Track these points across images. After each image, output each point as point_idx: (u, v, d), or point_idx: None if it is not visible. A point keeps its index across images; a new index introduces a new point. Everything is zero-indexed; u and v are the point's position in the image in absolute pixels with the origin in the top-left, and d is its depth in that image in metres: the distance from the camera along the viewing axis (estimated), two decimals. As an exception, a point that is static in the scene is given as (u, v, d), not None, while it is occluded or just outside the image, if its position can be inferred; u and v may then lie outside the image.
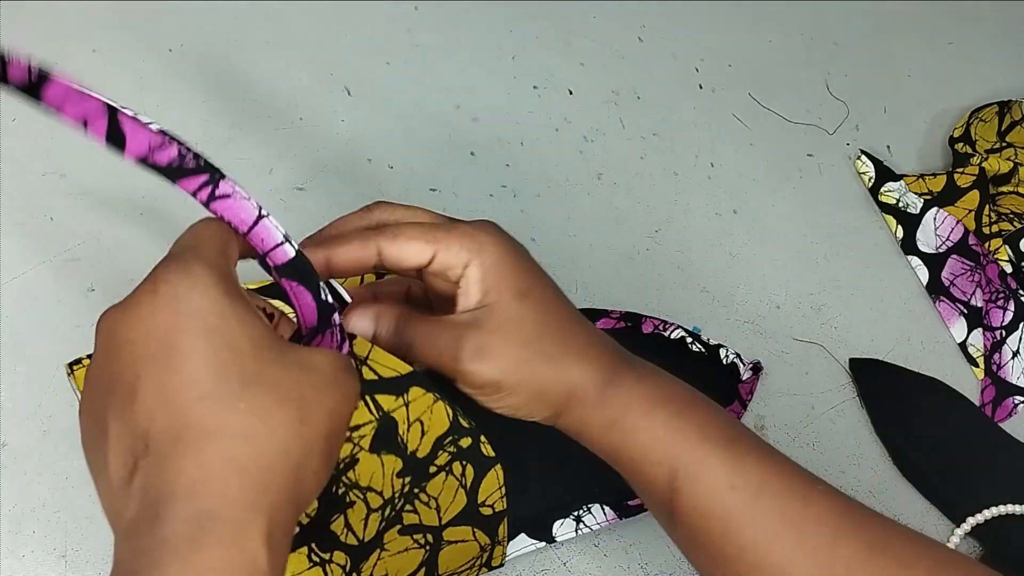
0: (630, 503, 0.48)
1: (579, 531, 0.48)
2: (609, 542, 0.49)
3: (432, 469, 0.40)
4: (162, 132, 0.29)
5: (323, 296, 0.32)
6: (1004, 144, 0.66)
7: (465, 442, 0.40)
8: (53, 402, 0.48)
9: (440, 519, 0.42)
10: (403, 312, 0.36)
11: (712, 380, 0.53)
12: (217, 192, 0.30)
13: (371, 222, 0.37)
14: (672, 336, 0.54)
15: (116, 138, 0.28)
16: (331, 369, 0.28)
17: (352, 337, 0.33)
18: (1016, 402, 0.57)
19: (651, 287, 0.58)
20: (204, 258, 0.28)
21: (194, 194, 0.29)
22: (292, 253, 0.31)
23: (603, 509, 0.48)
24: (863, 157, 0.66)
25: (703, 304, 0.58)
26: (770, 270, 0.61)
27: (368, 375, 0.37)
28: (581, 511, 0.48)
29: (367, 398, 0.37)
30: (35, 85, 0.29)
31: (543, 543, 0.47)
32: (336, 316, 0.32)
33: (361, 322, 0.36)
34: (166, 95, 0.61)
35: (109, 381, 0.26)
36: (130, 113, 0.28)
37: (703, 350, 0.53)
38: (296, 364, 0.27)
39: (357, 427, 0.35)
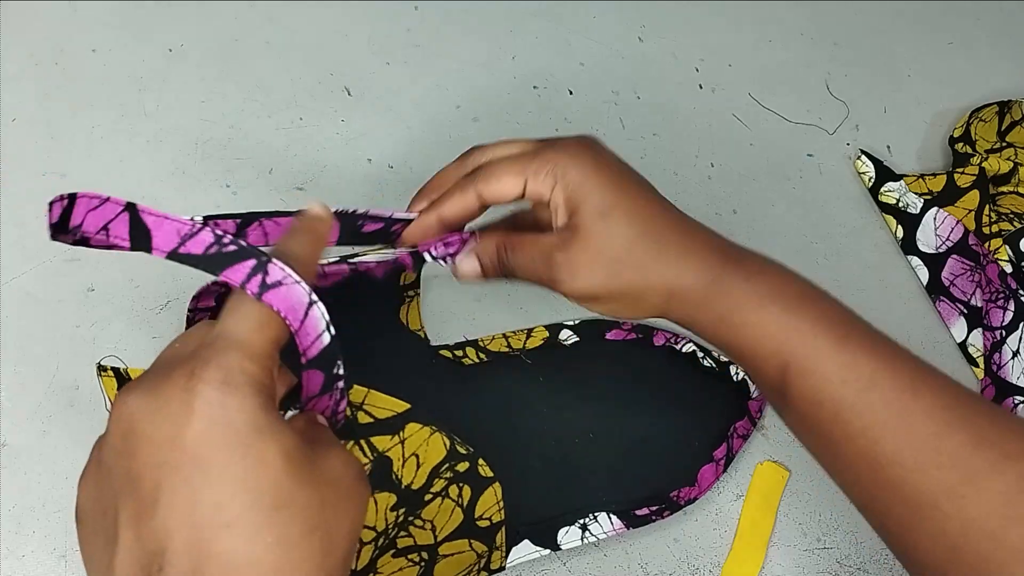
0: (638, 512, 0.48)
1: (584, 539, 0.47)
2: (609, 542, 0.49)
3: (427, 497, 0.40)
4: (191, 219, 0.26)
5: (336, 371, 0.30)
6: (1004, 144, 0.66)
7: (462, 466, 0.40)
8: (53, 402, 0.48)
9: (435, 537, 0.42)
10: (501, 240, 0.38)
11: (722, 396, 0.53)
12: (268, 280, 0.26)
13: (467, 168, 0.39)
14: (683, 350, 0.53)
15: (141, 236, 0.25)
16: (350, 479, 0.27)
17: (349, 388, 0.32)
18: (1016, 402, 0.57)
19: (651, 287, 0.58)
20: (249, 366, 0.25)
21: (243, 285, 0.26)
22: (328, 340, 0.28)
23: (610, 518, 0.48)
24: (863, 157, 0.66)
25: (703, 304, 0.58)
26: (770, 270, 0.61)
27: (364, 419, 0.37)
28: (587, 519, 0.48)
29: (362, 442, 0.37)
30: (63, 220, 0.26)
31: (547, 550, 0.47)
32: (340, 382, 0.30)
33: (466, 264, 0.38)
34: (166, 95, 0.61)
35: (124, 477, 0.24)
36: (153, 209, 0.26)
37: (714, 365, 0.53)
38: (321, 480, 0.26)
39: None
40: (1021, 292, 0.58)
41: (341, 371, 0.29)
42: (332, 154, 0.60)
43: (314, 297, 0.27)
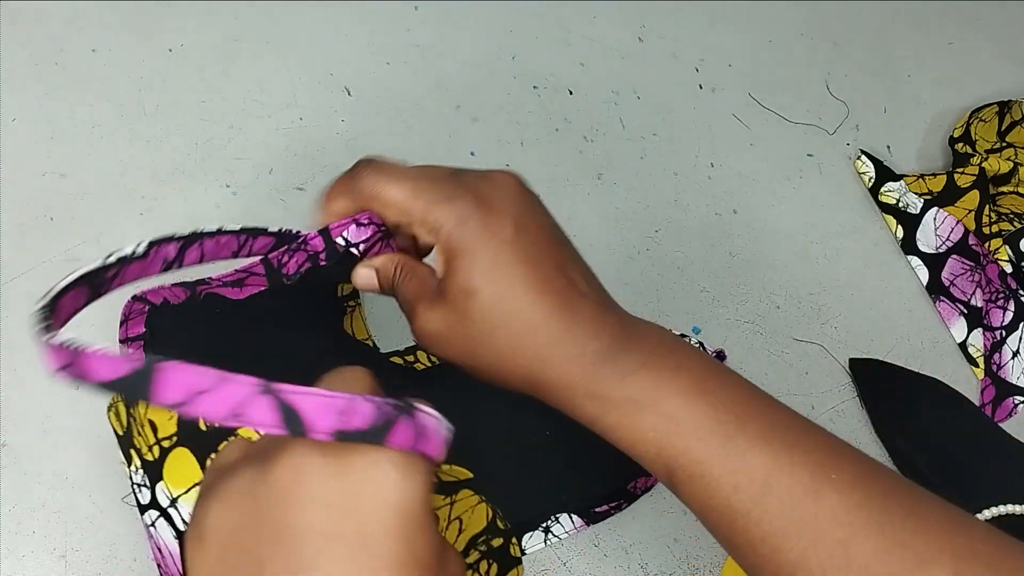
0: (597, 510, 0.48)
1: (547, 542, 0.47)
2: (609, 542, 0.49)
3: None
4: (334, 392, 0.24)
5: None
6: (1004, 144, 0.66)
7: (497, 542, 0.40)
8: (53, 402, 0.48)
9: None
10: (401, 262, 0.36)
11: None
12: (424, 432, 0.25)
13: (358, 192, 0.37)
14: None
15: (292, 420, 0.23)
16: (458, 569, 0.27)
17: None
18: (1016, 402, 0.57)
19: (651, 287, 0.58)
20: (423, 457, 0.25)
21: (413, 446, 0.25)
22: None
23: (571, 518, 0.48)
24: (863, 157, 0.66)
25: (703, 304, 0.58)
26: (770, 270, 0.61)
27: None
28: (550, 522, 0.48)
29: None
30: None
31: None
32: None
33: (364, 275, 0.36)
34: (166, 95, 0.61)
35: (281, 529, 0.24)
36: (290, 387, 0.23)
37: None
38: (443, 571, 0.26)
39: None
40: (1021, 292, 0.58)
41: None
42: (332, 154, 0.60)
43: (446, 428, 0.27)
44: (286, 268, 0.36)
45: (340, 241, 0.35)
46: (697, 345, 0.55)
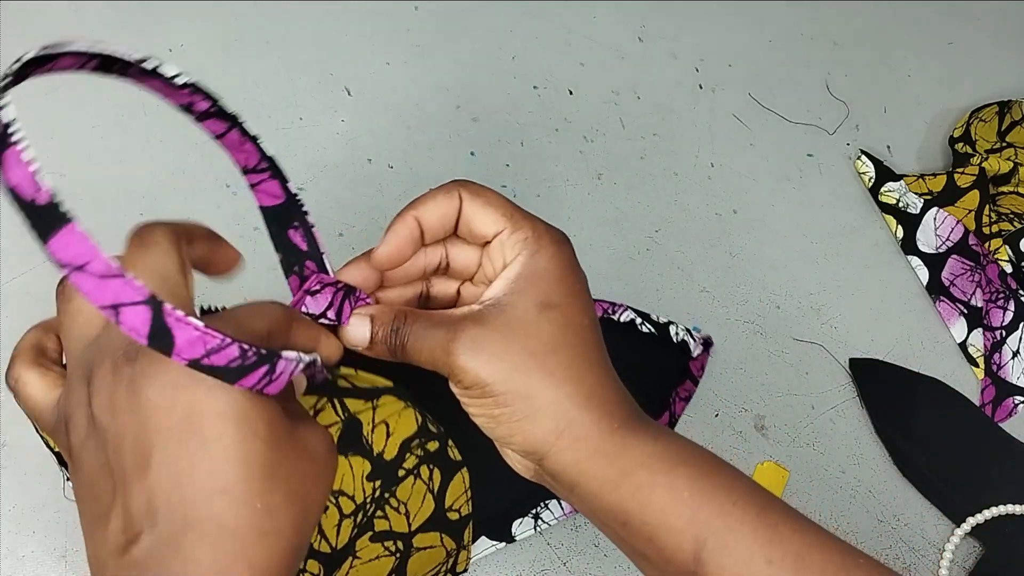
0: None
1: (538, 528, 0.48)
2: (609, 542, 0.49)
3: (400, 472, 0.40)
4: (216, 332, 0.24)
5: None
6: (1004, 144, 0.66)
7: (432, 445, 0.40)
8: (53, 402, 0.48)
9: (410, 525, 0.42)
10: (401, 311, 0.33)
11: (662, 359, 0.53)
12: (274, 376, 0.26)
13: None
14: (621, 319, 0.53)
15: (161, 336, 0.24)
16: (324, 450, 0.28)
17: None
18: (1016, 402, 0.57)
19: (651, 287, 0.58)
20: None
21: (253, 387, 0.26)
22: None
23: (560, 503, 0.48)
24: (863, 157, 0.66)
25: (703, 304, 0.58)
26: (770, 270, 0.61)
27: (342, 384, 0.36)
28: (539, 507, 0.48)
29: (335, 401, 0.37)
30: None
31: (503, 543, 0.47)
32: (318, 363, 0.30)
33: (357, 330, 0.32)
34: (166, 95, 0.61)
35: (130, 433, 0.25)
36: (178, 313, 0.24)
37: (652, 330, 0.53)
38: (301, 449, 0.27)
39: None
40: (1021, 292, 0.58)
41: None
42: (332, 154, 0.60)
43: (308, 372, 0.28)
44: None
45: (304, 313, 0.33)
46: (700, 338, 0.55)
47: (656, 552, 0.30)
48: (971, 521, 0.51)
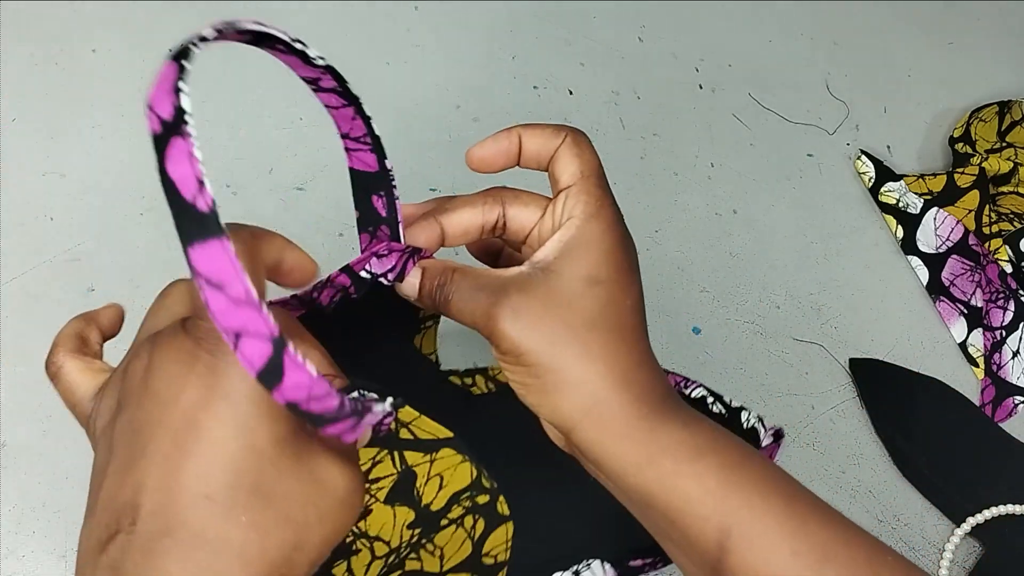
0: (632, 563, 0.47)
1: None
2: None
3: (443, 522, 0.40)
4: (325, 380, 0.24)
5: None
6: (1004, 144, 0.66)
7: (482, 499, 0.40)
8: (53, 402, 0.48)
9: (442, 566, 0.41)
10: (450, 267, 0.33)
11: None
12: (357, 428, 0.26)
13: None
14: (692, 395, 0.51)
15: (272, 375, 0.23)
16: (344, 491, 0.26)
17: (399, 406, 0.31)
18: (1016, 402, 0.57)
19: (651, 287, 0.58)
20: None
21: (335, 434, 0.25)
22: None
23: (603, 566, 0.46)
24: (863, 157, 0.66)
25: (703, 304, 0.58)
26: (770, 270, 0.61)
27: (404, 435, 0.36)
28: (580, 565, 0.46)
29: (395, 453, 0.36)
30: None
31: None
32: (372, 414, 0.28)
33: (408, 282, 0.34)
34: (166, 95, 0.61)
35: (133, 423, 0.25)
36: (298, 357, 0.23)
37: (723, 411, 0.51)
38: (311, 478, 0.26)
39: (377, 479, 0.35)
40: (1021, 292, 0.58)
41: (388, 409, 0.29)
42: (332, 154, 0.60)
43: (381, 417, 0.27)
44: (318, 301, 0.35)
45: (365, 274, 0.34)
46: (771, 430, 0.54)
47: (680, 535, 0.30)
48: (971, 521, 0.51)
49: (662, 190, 0.63)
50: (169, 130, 0.23)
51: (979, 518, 0.51)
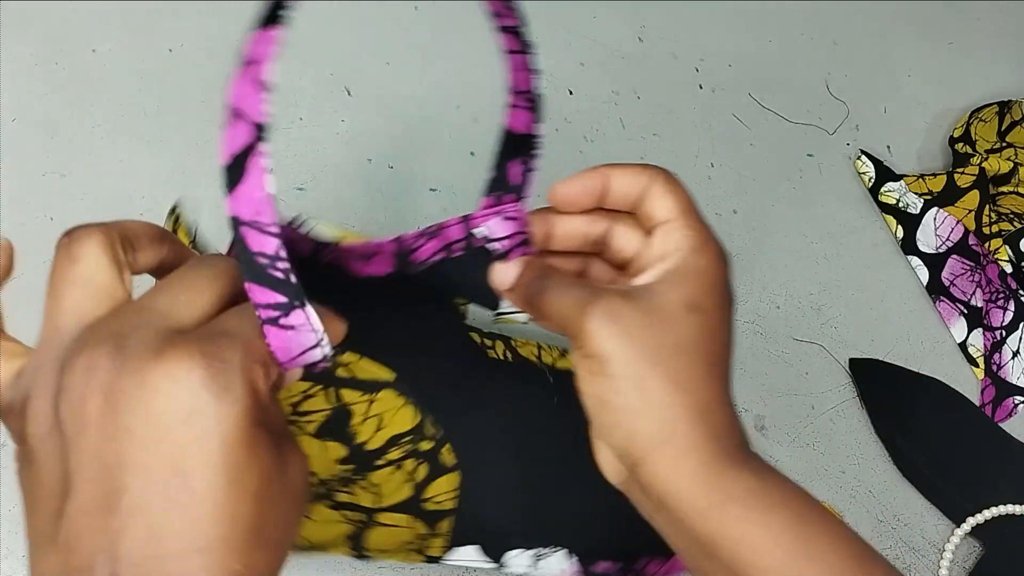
0: (595, 569, 0.45)
1: (532, 569, 0.44)
2: None
3: (379, 461, 0.39)
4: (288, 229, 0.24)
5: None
6: (1004, 144, 0.66)
7: (425, 445, 0.39)
8: (53, 402, 0.48)
9: (379, 503, 0.40)
10: (552, 266, 0.33)
11: None
12: (283, 321, 0.25)
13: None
14: None
15: (235, 170, 0.23)
16: (304, 490, 0.26)
17: (341, 351, 0.30)
18: (1016, 402, 0.57)
19: (651, 287, 0.58)
20: (248, 375, 0.23)
21: (258, 307, 0.24)
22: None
23: (568, 557, 0.44)
24: (863, 157, 0.66)
25: (703, 304, 0.58)
26: (770, 270, 0.61)
27: (342, 373, 0.35)
28: (544, 551, 0.44)
29: (331, 389, 0.35)
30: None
31: (492, 564, 0.44)
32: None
33: (506, 270, 0.33)
34: (166, 95, 0.61)
35: (99, 459, 0.22)
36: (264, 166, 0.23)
37: None
38: (288, 494, 0.25)
39: (307, 413, 0.34)
40: (1021, 292, 0.58)
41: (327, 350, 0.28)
42: (332, 154, 0.60)
43: (319, 355, 0.26)
44: (416, 254, 0.33)
45: (480, 232, 0.33)
46: None
47: None
48: (971, 521, 0.51)
49: (662, 190, 0.63)
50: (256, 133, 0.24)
51: (979, 518, 0.51)
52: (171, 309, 0.24)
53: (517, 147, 0.33)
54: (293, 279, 0.24)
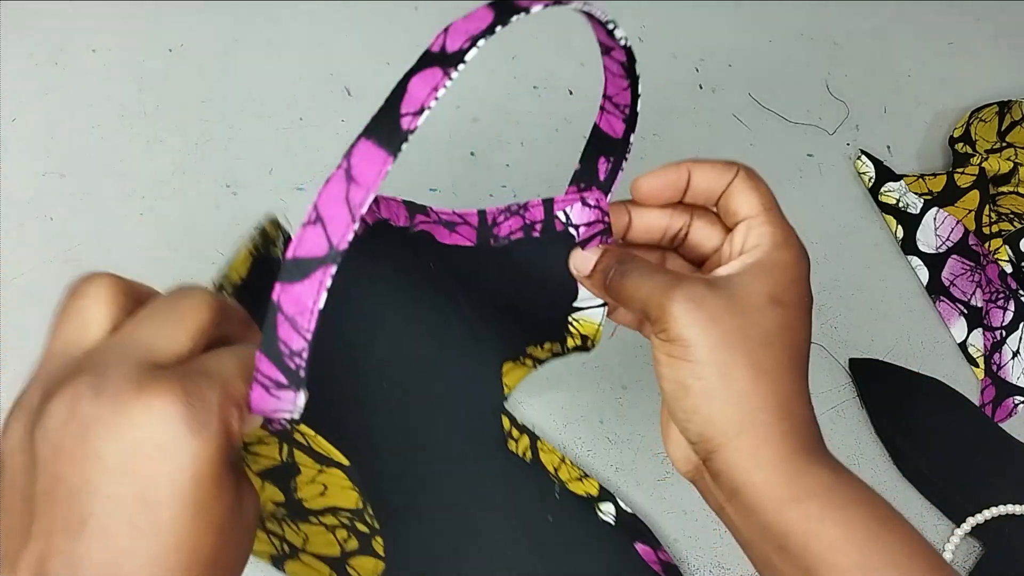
0: None
1: None
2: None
3: (313, 520, 0.39)
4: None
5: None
6: (1004, 144, 0.66)
7: (362, 527, 0.39)
8: (53, 402, 0.48)
9: (304, 546, 0.40)
10: (631, 253, 0.33)
11: None
12: (276, 400, 0.25)
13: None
14: None
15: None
16: (255, 523, 0.27)
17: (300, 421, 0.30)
18: (1016, 402, 0.57)
19: (651, 287, 0.58)
20: (224, 415, 0.23)
21: (258, 371, 0.24)
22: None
23: None
24: (863, 157, 0.66)
25: (703, 304, 0.58)
26: (770, 270, 0.61)
27: (298, 438, 0.35)
28: None
29: (285, 445, 0.35)
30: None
31: None
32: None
33: (587, 255, 0.33)
34: (166, 95, 0.61)
35: (68, 481, 0.22)
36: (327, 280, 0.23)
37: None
38: (242, 531, 0.25)
39: (256, 454, 0.34)
40: (1021, 292, 0.58)
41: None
42: (332, 154, 0.60)
43: (287, 418, 0.26)
44: (498, 228, 0.34)
45: (561, 216, 0.33)
46: None
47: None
48: (971, 521, 0.51)
49: (662, 190, 0.63)
50: (440, 60, 0.24)
51: (979, 518, 0.51)
52: (153, 342, 0.24)
53: (609, 148, 0.34)
54: (303, 374, 0.24)
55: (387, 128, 0.23)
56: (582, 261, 0.34)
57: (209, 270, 0.50)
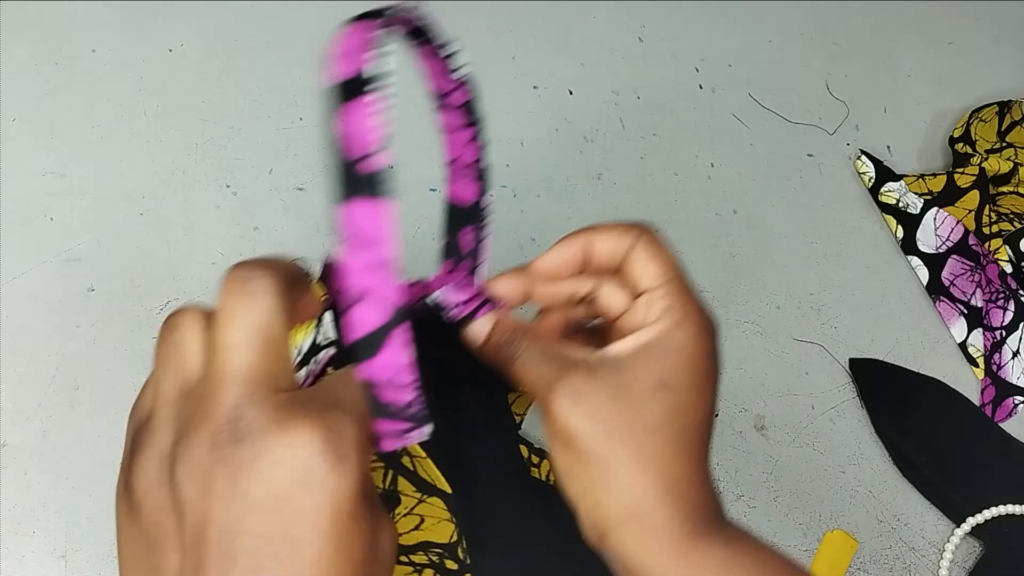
0: None
1: None
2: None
3: (402, 558, 0.39)
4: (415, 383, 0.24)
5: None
6: (1004, 144, 0.66)
7: (451, 564, 0.39)
8: (53, 402, 0.48)
9: None
10: (524, 328, 0.32)
11: None
12: (406, 436, 0.26)
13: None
14: None
15: (371, 344, 0.23)
16: (392, 558, 0.26)
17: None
18: (1016, 402, 0.57)
19: (651, 287, 0.58)
20: (361, 448, 0.24)
21: (384, 436, 0.25)
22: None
23: None
24: (863, 157, 0.66)
25: (703, 304, 0.58)
26: (770, 270, 0.61)
27: (406, 462, 0.35)
28: None
29: (390, 472, 0.35)
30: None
31: None
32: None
33: (478, 326, 0.33)
34: (166, 95, 0.61)
35: (220, 521, 0.23)
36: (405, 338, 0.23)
37: None
38: (380, 566, 0.25)
39: None
40: (1021, 292, 0.58)
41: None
42: (332, 155, 0.60)
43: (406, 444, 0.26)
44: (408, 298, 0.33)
45: (429, 299, 0.33)
46: None
47: None
48: (971, 521, 0.51)
49: (662, 190, 0.63)
50: (353, 88, 0.23)
51: (979, 518, 0.51)
52: (261, 365, 0.24)
53: (466, 217, 0.33)
54: (424, 412, 0.24)
55: (354, 181, 0.23)
56: (474, 334, 0.33)
57: (209, 270, 0.50)
